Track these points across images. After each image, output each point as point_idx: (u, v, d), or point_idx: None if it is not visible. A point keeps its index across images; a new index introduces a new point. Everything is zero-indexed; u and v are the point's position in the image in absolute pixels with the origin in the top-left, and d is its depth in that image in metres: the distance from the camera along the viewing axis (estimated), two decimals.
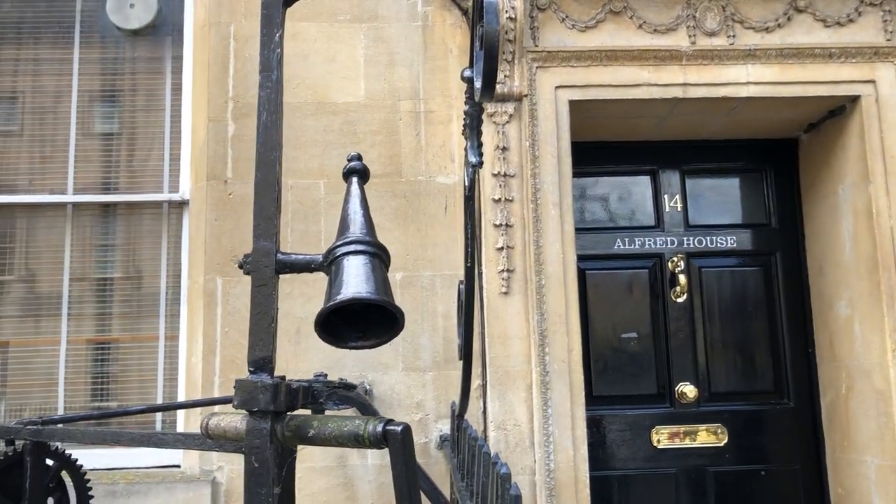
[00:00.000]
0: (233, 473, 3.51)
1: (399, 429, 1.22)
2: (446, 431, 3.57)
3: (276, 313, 1.33)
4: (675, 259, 4.24)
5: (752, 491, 4.14)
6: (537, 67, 3.69)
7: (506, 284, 3.60)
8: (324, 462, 3.52)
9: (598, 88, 3.73)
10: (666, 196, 4.34)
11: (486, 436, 3.54)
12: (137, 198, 3.98)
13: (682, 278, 4.20)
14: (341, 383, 2.72)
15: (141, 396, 3.86)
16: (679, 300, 4.23)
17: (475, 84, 2.07)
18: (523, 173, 3.65)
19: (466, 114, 2.40)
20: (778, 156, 4.41)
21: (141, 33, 4.12)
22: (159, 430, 3.61)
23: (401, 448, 1.22)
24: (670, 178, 4.36)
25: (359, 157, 1.49)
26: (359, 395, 3.08)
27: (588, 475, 3.50)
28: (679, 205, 4.33)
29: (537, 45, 3.70)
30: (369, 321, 1.35)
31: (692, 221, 4.34)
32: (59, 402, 3.85)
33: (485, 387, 3.61)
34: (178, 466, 3.65)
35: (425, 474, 3.22)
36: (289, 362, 3.40)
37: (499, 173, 3.64)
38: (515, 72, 3.66)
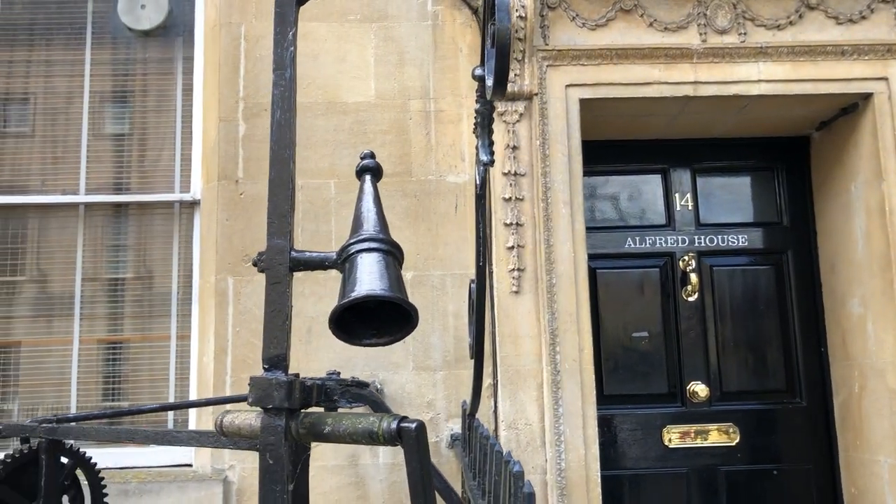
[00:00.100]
0: (244, 472, 3.52)
1: (413, 426, 1.22)
2: (457, 431, 3.57)
3: (291, 311, 1.33)
4: (686, 258, 4.23)
5: (764, 491, 4.12)
6: (548, 66, 3.68)
7: (516, 283, 3.59)
8: (335, 461, 3.53)
9: (608, 87, 3.72)
10: (677, 195, 4.32)
11: (497, 435, 3.54)
12: (149, 198, 4.00)
13: (693, 277, 4.19)
14: (354, 381, 2.73)
15: (152, 396, 3.87)
16: (690, 299, 4.22)
17: (486, 82, 2.06)
18: (534, 172, 3.65)
19: (477, 112, 2.40)
20: (789, 154, 4.39)
21: (152, 34, 4.13)
22: (173, 429, 3.62)
23: (415, 445, 1.21)
24: (681, 176, 4.35)
25: (372, 155, 1.49)
26: (371, 392, 3.09)
27: (599, 474, 3.49)
28: (690, 203, 4.32)
29: (547, 44, 3.69)
30: (383, 318, 1.35)
31: (703, 220, 4.32)
32: (71, 401, 3.87)
33: (495, 386, 3.60)
34: (190, 466, 3.66)
35: (438, 472, 3.22)
36: (300, 361, 3.41)
37: (509, 172, 3.64)
38: (526, 70, 3.66)
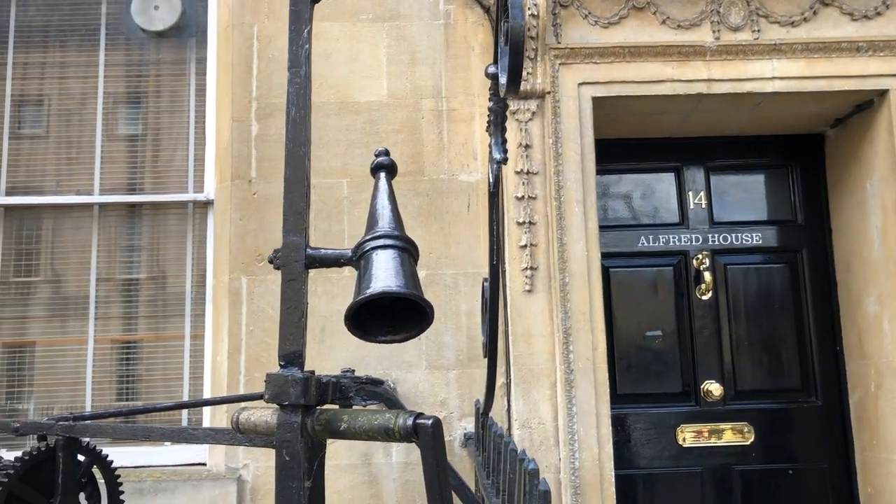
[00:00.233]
0: (258, 471, 3.53)
1: (429, 422, 1.22)
2: (470, 430, 3.57)
3: (306, 308, 1.33)
4: (700, 256, 4.21)
5: (780, 490, 4.10)
6: (560, 64, 3.68)
7: (529, 282, 3.59)
8: (349, 460, 3.53)
9: (621, 85, 3.71)
10: (690, 193, 4.30)
11: (510, 434, 3.53)
12: (163, 198, 4.02)
13: (707, 276, 4.17)
14: (368, 379, 2.73)
15: (167, 396, 3.89)
16: (704, 298, 4.20)
17: (500, 80, 2.06)
18: (546, 171, 3.64)
19: (490, 110, 2.40)
20: (804, 151, 4.36)
21: (165, 35, 4.15)
22: (189, 426, 3.63)
23: (431, 441, 1.21)
24: (695, 174, 4.33)
25: (386, 153, 1.50)
26: (386, 390, 3.09)
27: (613, 473, 3.48)
28: (704, 202, 4.30)
29: (560, 42, 3.69)
30: (398, 315, 1.35)
31: (717, 218, 4.30)
32: (86, 401, 3.89)
33: (509, 385, 3.60)
34: (204, 464, 3.68)
35: (452, 469, 3.22)
36: (313, 361, 3.42)
37: (522, 171, 3.64)
38: (538, 69, 3.65)
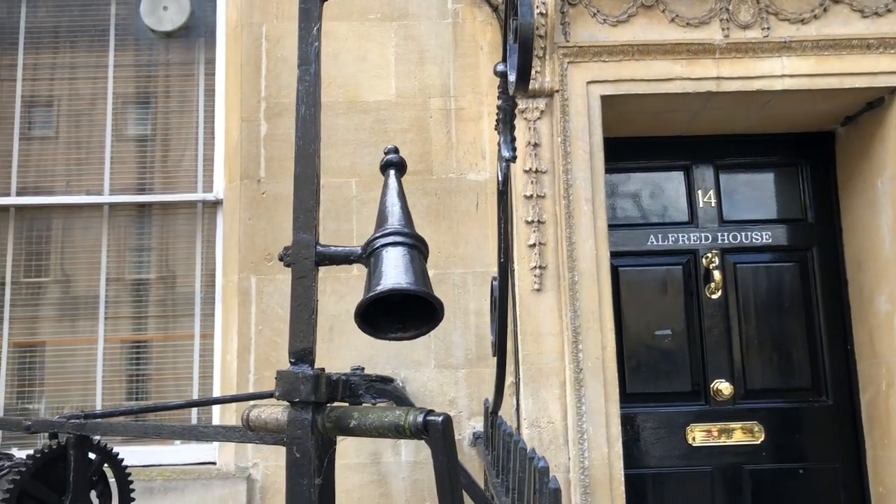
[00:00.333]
0: (268, 470, 3.54)
1: (440, 419, 1.22)
2: (479, 429, 3.56)
3: (317, 305, 1.33)
4: (709, 255, 4.20)
5: (790, 489, 4.08)
6: (568, 63, 3.67)
7: (538, 281, 3.58)
8: (358, 459, 3.53)
9: (629, 83, 3.70)
10: (700, 191, 4.29)
11: (520, 433, 3.53)
12: (172, 198, 4.03)
13: (716, 274, 4.15)
14: (378, 377, 2.72)
15: (176, 395, 3.90)
16: (714, 296, 4.18)
17: (509, 77, 2.06)
18: (555, 169, 3.63)
19: (499, 108, 2.39)
20: (814, 149, 4.34)
21: (174, 35, 4.16)
22: (200, 424, 3.64)
23: (441, 439, 1.21)
24: (704, 173, 4.32)
25: (396, 150, 1.50)
26: (396, 388, 3.09)
27: (623, 473, 3.47)
28: (713, 200, 4.29)
29: (568, 41, 3.68)
30: (408, 313, 1.35)
31: (727, 217, 4.29)
32: (96, 400, 3.90)
33: (518, 384, 3.59)
34: (214, 463, 3.68)
35: (462, 467, 3.22)
36: (322, 360, 3.37)
37: (530, 170, 3.63)
38: (546, 67, 3.65)
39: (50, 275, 4.06)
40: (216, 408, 3.75)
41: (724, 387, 4.10)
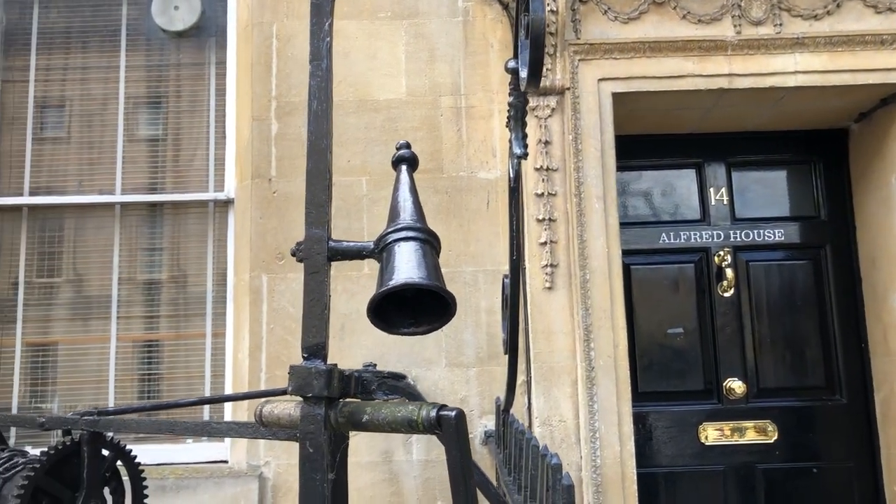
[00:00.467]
0: (280, 468, 3.54)
1: (453, 414, 1.21)
2: (491, 427, 3.56)
3: (329, 300, 1.33)
4: (721, 253, 4.18)
5: (804, 489, 4.06)
6: (579, 60, 3.66)
7: (549, 279, 3.57)
8: (369, 457, 3.53)
9: (641, 80, 3.68)
10: (712, 189, 4.27)
11: (531, 432, 3.51)
12: (184, 197, 4.04)
13: (729, 272, 4.13)
14: (390, 373, 2.73)
15: (188, 394, 3.91)
16: (726, 295, 4.16)
17: (520, 73, 2.05)
18: (566, 167, 3.62)
19: (510, 105, 2.39)
20: (827, 146, 4.32)
21: (185, 35, 4.18)
22: (212, 420, 3.65)
23: (455, 433, 1.21)
24: (716, 170, 4.30)
25: (407, 145, 1.50)
26: (408, 384, 3.09)
27: (635, 471, 3.46)
28: (725, 198, 4.27)
29: (579, 38, 3.67)
30: (420, 308, 1.35)
31: (739, 215, 4.27)
32: (109, 399, 3.92)
33: (529, 383, 3.58)
34: (226, 462, 3.69)
35: (475, 464, 3.21)
36: (333, 358, 3.34)
37: (541, 167, 3.62)
38: (557, 65, 3.64)
39: (62, 274, 4.08)
40: (228, 407, 3.76)
41: (736, 385, 4.07)
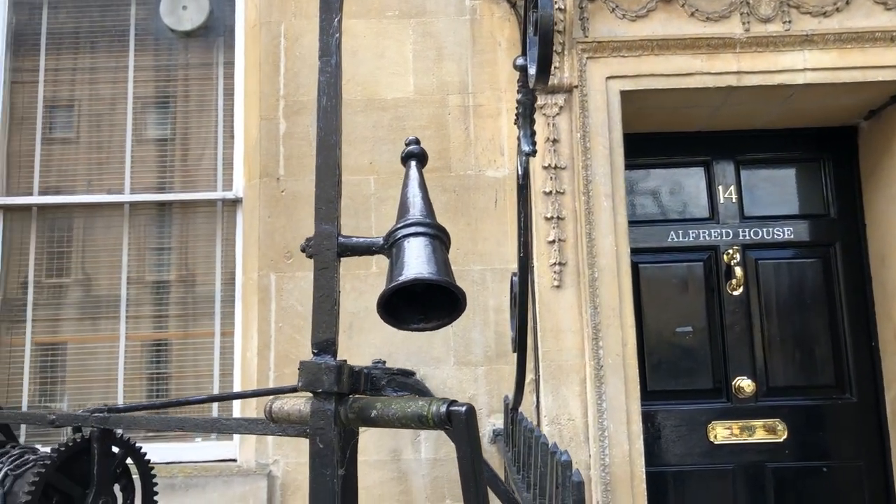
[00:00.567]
0: (288, 467, 3.55)
1: (463, 409, 1.21)
2: (499, 426, 3.55)
3: (339, 296, 1.33)
4: (730, 251, 4.16)
5: (814, 488, 4.04)
6: (587, 58, 3.65)
7: (558, 278, 3.57)
8: (378, 456, 3.53)
9: (649, 78, 3.67)
10: (720, 187, 4.26)
11: (540, 430, 3.51)
12: (192, 196, 4.04)
13: (737, 271, 4.12)
14: (399, 370, 2.74)
15: (197, 392, 3.91)
16: (735, 293, 4.15)
17: (529, 70, 2.05)
18: (574, 165, 3.62)
19: (519, 102, 2.38)
20: (836, 144, 4.30)
21: (193, 34, 4.19)
22: (222, 417, 3.66)
23: (465, 429, 1.21)
24: (724, 168, 4.28)
25: (417, 141, 1.50)
26: (417, 381, 3.09)
27: (644, 470, 3.45)
28: (734, 196, 4.25)
29: (587, 36, 3.66)
30: (430, 303, 1.35)
31: (748, 213, 4.25)
32: (118, 399, 3.93)
33: (537, 381, 3.58)
34: (235, 460, 3.70)
35: (484, 461, 3.21)
36: (341, 356, 3.40)
37: (549, 166, 3.61)
38: (565, 63, 3.63)
39: (71, 273, 4.09)
40: (237, 405, 3.77)
41: (745, 384, 4.06)
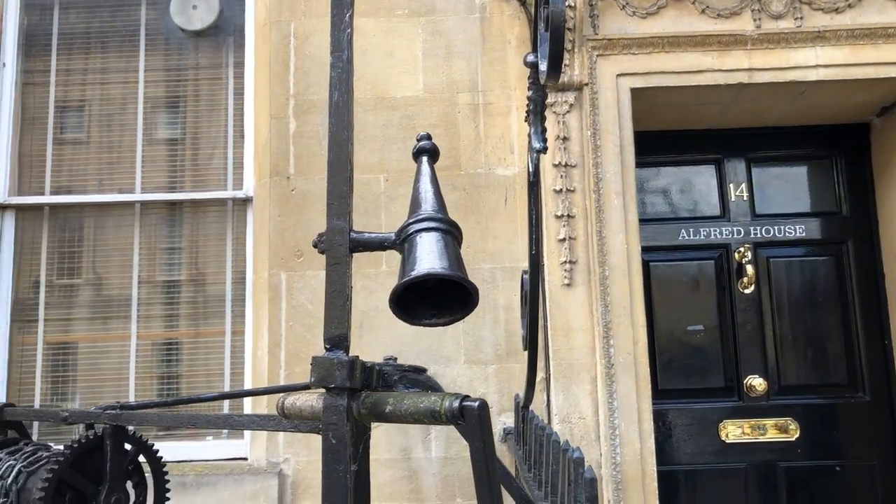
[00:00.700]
0: (299, 465, 3.55)
1: (476, 404, 1.20)
2: (510, 424, 3.55)
3: (351, 292, 1.33)
4: (741, 249, 4.14)
5: (826, 487, 4.01)
6: (598, 56, 3.64)
7: (568, 276, 3.56)
8: (388, 454, 3.53)
9: (660, 75, 3.66)
10: (731, 185, 4.24)
11: (551, 429, 3.50)
12: (203, 195, 4.05)
13: (749, 269, 4.10)
14: (410, 367, 2.74)
15: (208, 391, 3.92)
16: (746, 291, 4.13)
17: (540, 67, 2.05)
18: (585, 163, 3.61)
19: (529, 99, 2.38)
20: (848, 141, 4.27)
21: (203, 34, 4.20)
22: (234, 413, 3.67)
23: (478, 424, 1.20)
24: (735, 166, 4.26)
25: (428, 137, 1.49)
26: (428, 378, 3.08)
27: (655, 469, 3.44)
28: (745, 194, 4.23)
29: (597, 33, 3.65)
30: (442, 298, 1.35)
31: (759, 211, 4.23)
32: (130, 397, 3.94)
33: (548, 380, 3.57)
34: (246, 459, 3.70)
35: (496, 458, 3.20)
36: (351, 354, 3.42)
37: (560, 164, 3.61)
38: (576, 60, 3.62)
39: (82, 273, 4.11)
40: (248, 403, 3.77)
41: (757, 382, 4.04)
